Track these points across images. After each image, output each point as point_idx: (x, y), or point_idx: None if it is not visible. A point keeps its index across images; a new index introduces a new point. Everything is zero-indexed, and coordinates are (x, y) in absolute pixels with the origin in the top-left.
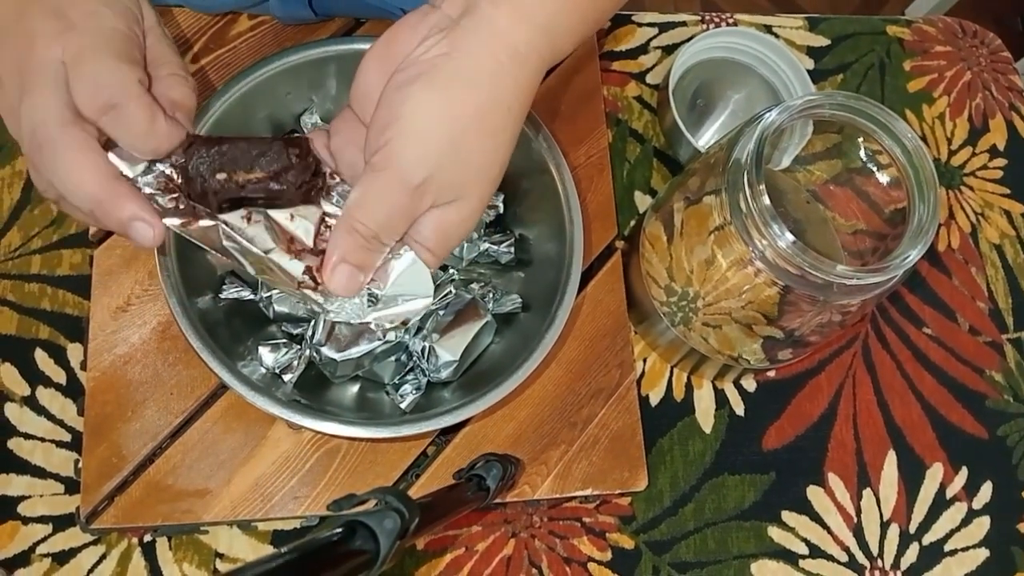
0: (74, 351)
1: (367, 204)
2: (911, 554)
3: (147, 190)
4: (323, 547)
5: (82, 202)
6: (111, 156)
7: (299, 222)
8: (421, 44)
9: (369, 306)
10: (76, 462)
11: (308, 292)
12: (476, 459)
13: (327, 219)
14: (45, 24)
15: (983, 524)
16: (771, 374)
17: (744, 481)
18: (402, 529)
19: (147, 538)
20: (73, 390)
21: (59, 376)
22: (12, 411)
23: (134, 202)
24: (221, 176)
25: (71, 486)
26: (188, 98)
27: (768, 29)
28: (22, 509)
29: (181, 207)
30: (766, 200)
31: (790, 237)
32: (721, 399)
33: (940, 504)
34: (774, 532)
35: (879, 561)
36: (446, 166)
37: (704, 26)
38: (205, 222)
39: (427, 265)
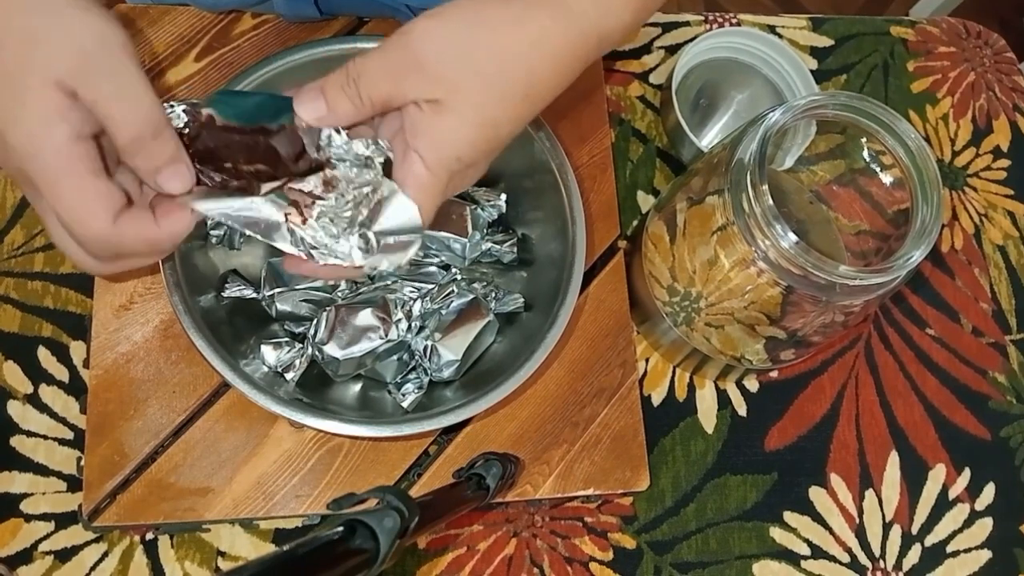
0: (77, 349)
1: (367, 55)
2: (913, 555)
3: None
4: (323, 546)
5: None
6: None
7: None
8: None
9: (361, 250)
10: (78, 460)
11: (295, 226)
12: (476, 458)
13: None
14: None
15: (985, 525)
16: (773, 374)
17: (746, 481)
18: (402, 528)
19: (149, 536)
20: (76, 388)
21: (62, 374)
22: (15, 408)
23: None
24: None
25: (73, 484)
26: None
27: (772, 29)
28: (24, 507)
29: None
30: (769, 200)
31: (793, 237)
32: (723, 399)
33: (942, 505)
34: (776, 532)
35: (881, 562)
36: (450, 52)
37: (707, 26)
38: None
39: (420, 180)
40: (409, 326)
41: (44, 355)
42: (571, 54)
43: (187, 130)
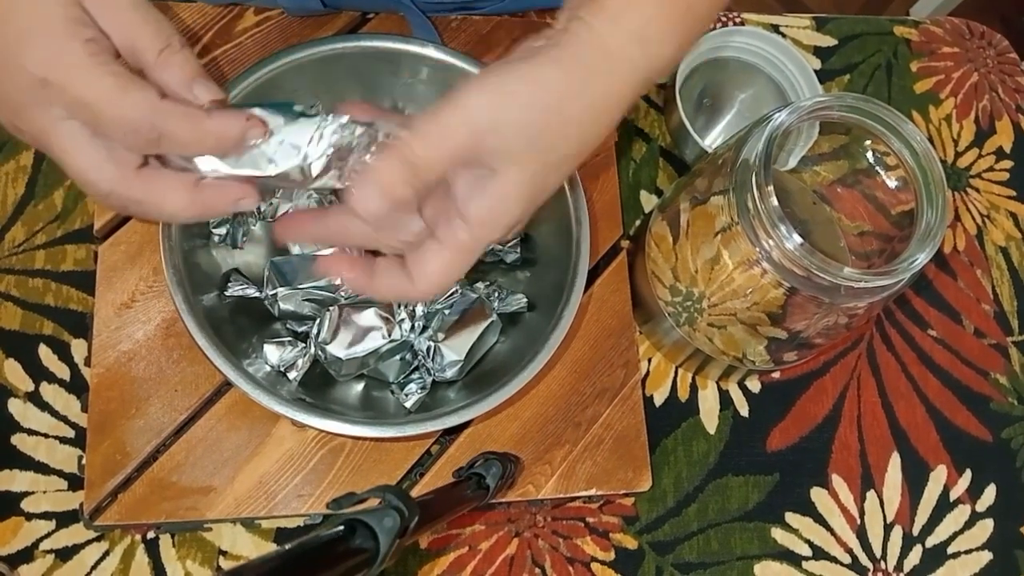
0: (78, 347)
1: (424, 131)
2: (914, 556)
3: None
4: (323, 545)
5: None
6: None
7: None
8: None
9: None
10: (80, 458)
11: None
12: (475, 457)
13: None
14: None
15: (986, 527)
16: (776, 375)
17: (748, 482)
18: (402, 527)
19: (150, 535)
20: (77, 386)
21: (63, 372)
22: (16, 407)
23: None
24: None
25: (74, 482)
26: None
27: (775, 29)
28: (25, 505)
29: None
30: (774, 201)
31: (798, 239)
32: (725, 400)
33: (944, 506)
34: (777, 533)
35: (882, 563)
36: (512, 130)
37: (712, 25)
38: None
39: (460, 244)
40: (412, 326)
41: (45, 353)
42: (619, 108)
43: None
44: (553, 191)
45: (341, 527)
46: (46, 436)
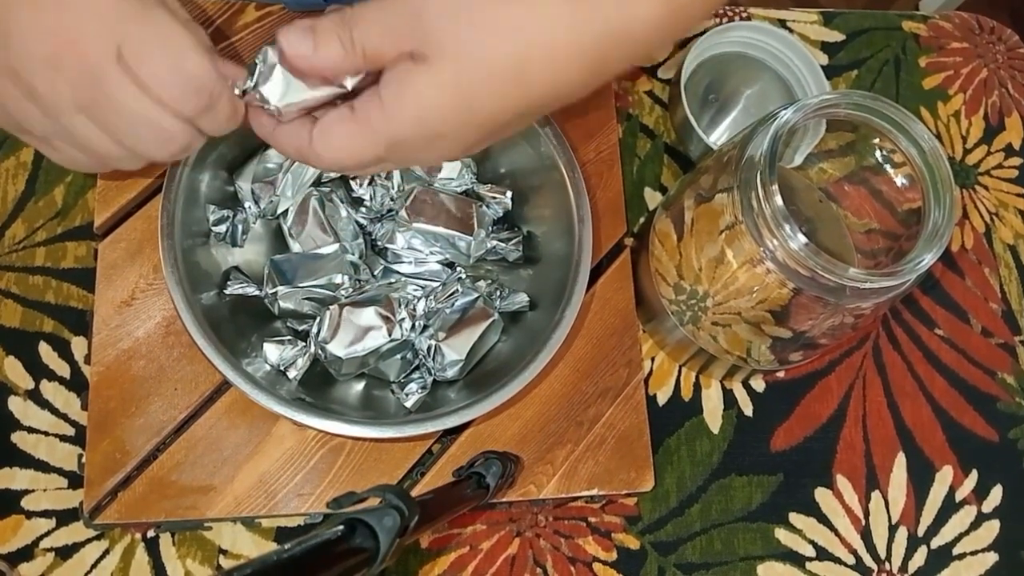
0: (78, 345)
1: (365, 4)
2: (919, 557)
3: None
4: (323, 545)
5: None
6: None
7: None
8: None
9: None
10: (79, 457)
11: None
12: (475, 456)
13: None
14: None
15: (992, 528)
16: (780, 374)
17: (751, 482)
18: (402, 527)
19: (150, 534)
20: (77, 384)
21: (63, 370)
22: (16, 404)
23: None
24: None
25: (74, 480)
26: (209, 42)
27: (782, 24)
28: (25, 503)
29: None
30: (778, 200)
31: (802, 239)
32: (729, 399)
33: (949, 507)
34: (781, 534)
35: (887, 564)
36: (448, 13)
37: (717, 20)
38: None
39: (367, 128)
40: (413, 325)
41: (45, 351)
42: (577, 48)
43: None
44: (488, 118)
45: (341, 526)
46: (46, 434)
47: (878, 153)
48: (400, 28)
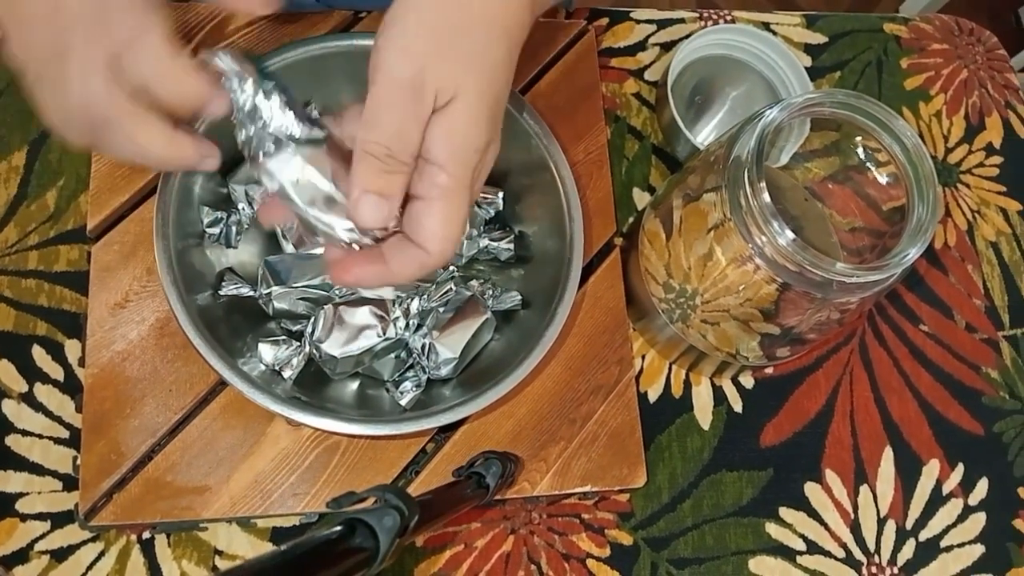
0: (72, 347)
1: (370, 120)
2: (908, 550)
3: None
4: (322, 544)
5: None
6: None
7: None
8: None
9: None
10: (74, 459)
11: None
12: (475, 456)
13: None
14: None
15: (979, 520)
16: (769, 371)
17: (742, 478)
18: (401, 527)
19: (146, 535)
20: (71, 387)
21: (57, 373)
22: (10, 407)
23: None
24: None
25: (69, 483)
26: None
27: (766, 26)
28: (20, 506)
29: None
30: (766, 197)
31: (790, 234)
32: (719, 396)
33: (936, 500)
34: (772, 528)
35: (876, 557)
36: (433, 56)
37: (702, 23)
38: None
39: (446, 190)
40: (407, 324)
41: (39, 354)
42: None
43: None
44: (504, 87)
45: (340, 526)
46: (40, 437)
47: (862, 151)
48: (419, 110)
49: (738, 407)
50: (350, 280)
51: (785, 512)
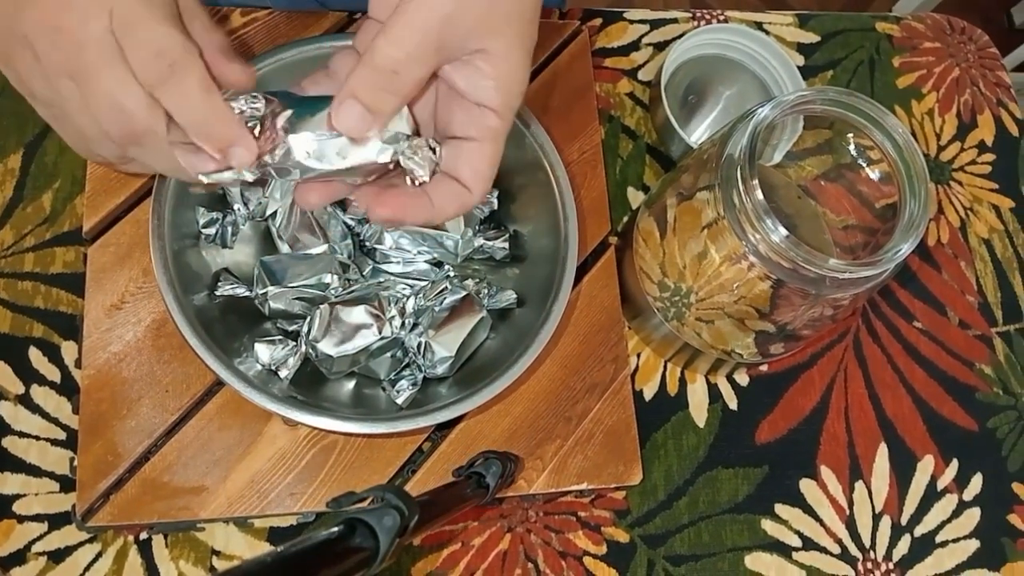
0: (68, 349)
1: (392, 34)
2: (903, 545)
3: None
4: (322, 544)
5: (191, 123)
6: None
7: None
8: None
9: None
10: (71, 460)
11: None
12: (475, 456)
13: None
14: None
15: (973, 515)
16: (763, 368)
17: (737, 474)
18: (401, 527)
19: (143, 536)
20: (67, 388)
21: (53, 374)
22: (6, 409)
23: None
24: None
25: (66, 484)
26: (219, 36)
27: (759, 26)
28: (17, 508)
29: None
30: (759, 195)
31: (783, 231)
32: (714, 393)
33: (931, 496)
34: (767, 525)
35: (871, 553)
36: (476, 3)
37: (695, 23)
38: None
39: (495, 132)
40: (403, 323)
41: (35, 355)
42: None
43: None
44: (532, 44)
45: (340, 526)
46: (37, 438)
47: (854, 148)
48: (441, 44)
49: (733, 404)
50: (387, 213)
51: (781, 508)
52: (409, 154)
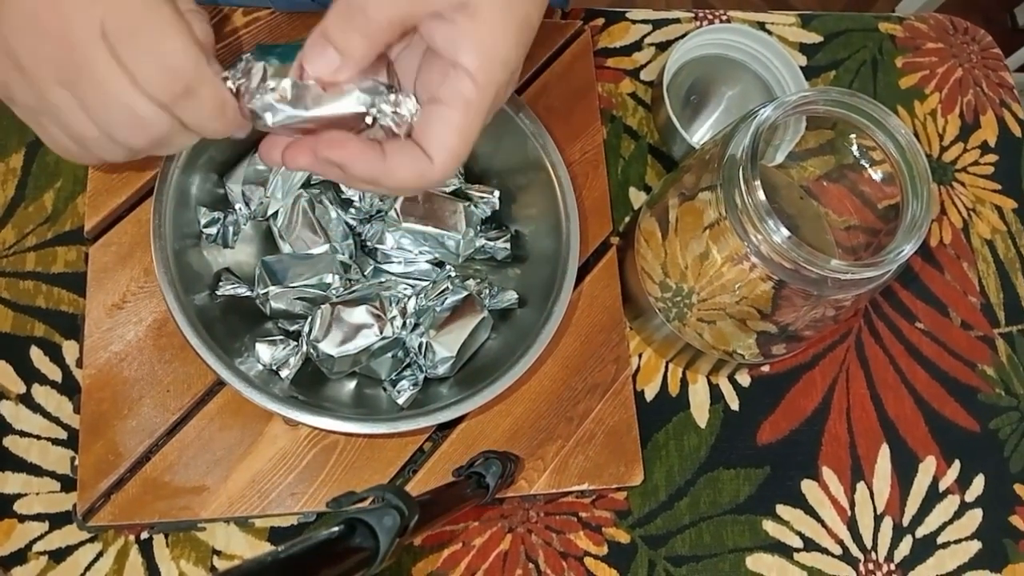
0: (69, 348)
1: None
2: (904, 547)
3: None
4: (322, 544)
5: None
6: None
7: None
8: None
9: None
10: (72, 460)
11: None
12: (476, 456)
13: None
14: None
15: (975, 517)
16: (765, 369)
17: (739, 475)
18: (402, 527)
19: (144, 535)
20: (69, 388)
21: (54, 374)
22: (7, 408)
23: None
24: None
25: (67, 484)
26: (209, 36)
27: (761, 26)
28: (18, 507)
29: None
30: (761, 196)
31: (785, 232)
32: (716, 394)
33: (933, 497)
34: (769, 525)
35: (873, 554)
36: None
37: (697, 23)
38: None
39: (468, 99)
40: (404, 323)
41: (37, 355)
42: None
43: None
44: (535, 26)
45: (340, 526)
46: (38, 438)
47: (856, 149)
48: None
49: (735, 405)
50: (336, 156)
51: (782, 509)
52: (385, 108)
